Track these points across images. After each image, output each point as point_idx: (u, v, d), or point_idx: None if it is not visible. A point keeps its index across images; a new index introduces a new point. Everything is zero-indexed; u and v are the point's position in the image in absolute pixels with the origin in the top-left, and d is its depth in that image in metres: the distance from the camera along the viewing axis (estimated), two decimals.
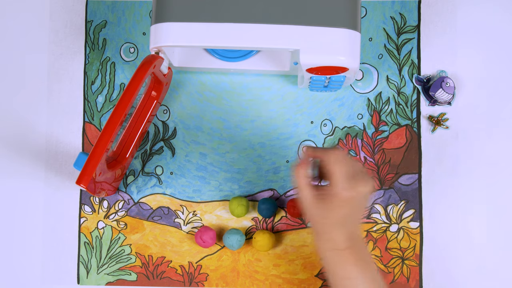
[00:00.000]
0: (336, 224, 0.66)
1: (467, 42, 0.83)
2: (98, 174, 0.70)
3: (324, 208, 0.66)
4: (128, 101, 0.69)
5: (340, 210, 0.66)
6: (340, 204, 0.65)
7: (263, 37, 0.67)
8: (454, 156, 0.82)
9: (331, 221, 0.66)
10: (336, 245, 0.67)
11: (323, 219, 0.67)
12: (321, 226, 0.67)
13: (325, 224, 0.67)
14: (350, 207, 0.66)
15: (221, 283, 0.82)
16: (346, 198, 0.65)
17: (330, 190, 0.65)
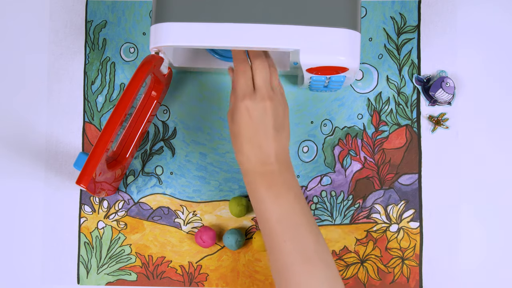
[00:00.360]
0: (245, 140, 0.66)
1: (467, 42, 0.83)
2: (98, 174, 0.70)
3: (231, 121, 0.68)
4: (128, 101, 0.69)
5: (241, 122, 0.66)
6: (239, 115, 0.66)
7: (263, 37, 0.67)
8: (454, 156, 0.82)
9: (239, 136, 0.67)
10: (251, 165, 0.67)
11: (232, 134, 0.68)
12: (233, 143, 0.68)
13: (236, 140, 0.67)
14: (251, 120, 0.66)
15: (221, 283, 0.82)
16: (242, 109, 0.66)
17: (233, 97, 0.67)
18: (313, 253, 0.64)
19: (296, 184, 0.68)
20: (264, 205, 0.66)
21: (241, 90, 0.67)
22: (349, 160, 0.82)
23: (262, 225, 0.66)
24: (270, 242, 0.66)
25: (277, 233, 0.65)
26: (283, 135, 0.69)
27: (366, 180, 0.82)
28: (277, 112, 0.67)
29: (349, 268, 0.82)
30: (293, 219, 0.65)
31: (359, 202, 0.82)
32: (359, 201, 0.82)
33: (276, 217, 0.65)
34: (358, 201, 0.82)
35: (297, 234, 0.64)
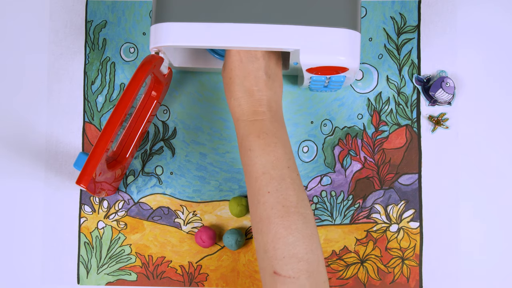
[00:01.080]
0: (236, 84, 0.67)
1: (467, 42, 0.83)
2: (98, 174, 0.70)
3: (223, 71, 0.69)
4: (128, 101, 0.69)
5: (232, 67, 0.67)
6: (230, 60, 0.67)
7: (263, 37, 0.67)
8: (454, 156, 0.82)
9: (231, 81, 0.67)
10: (244, 113, 0.67)
11: (224, 83, 0.68)
12: (226, 91, 0.68)
13: (228, 87, 0.68)
14: (242, 63, 0.67)
15: (221, 283, 0.82)
16: (233, 53, 0.67)
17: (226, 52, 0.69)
18: (294, 207, 0.63)
19: (286, 138, 0.67)
20: (252, 154, 0.65)
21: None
22: (349, 160, 0.82)
23: (248, 174, 0.66)
24: (253, 192, 0.65)
25: (262, 183, 0.64)
26: (276, 83, 0.69)
27: (366, 180, 0.82)
28: (268, 58, 0.68)
29: (349, 268, 0.82)
30: (279, 172, 0.65)
31: (359, 202, 0.82)
32: (359, 201, 0.82)
33: (262, 167, 0.65)
34: (358, 201, 0.82)
35: (280, 187, 0.64)
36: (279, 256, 0.62)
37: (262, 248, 0.64)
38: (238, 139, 0.68)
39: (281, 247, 0.62)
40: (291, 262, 0.62)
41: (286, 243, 0.62)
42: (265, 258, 0.63)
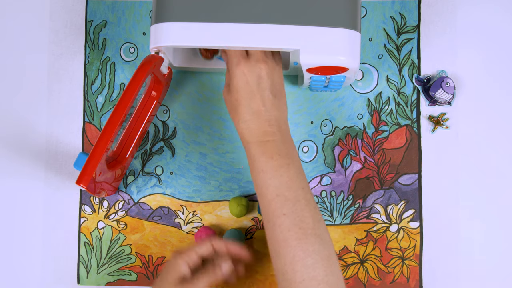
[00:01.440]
0: (244, 107, 0.66)
1: (467, 42, 0.83)
2: (98, 174, 0.70)
3: (227, 93, 0.68)
4: (128, 101, 0.69)
5: (239, 88, 0.66)
6: (235, 81, 0.66)
7: (263, 37, 0.67)
8: (454, 156, 0.82)
9: (238, 104, 0.66)
10: (253, 134, 0.66)
11: (230, 106, 0.67)
12: (233, 114, 0.67)
13: (235, 110, 0.67)
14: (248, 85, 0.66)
15: (221, 283, 0.82)
16: (238, 74, 0.66)
17: (228, 73, 0.68)
18: (311, 229, 0.63)
19: (297, 157, 0.67)
20: (265, 176, 0.65)
21: (235, 57, 0.67)
22: (349, 160, 0.82)
23: (261, 197, 0.65)
24: (268, 214, 0.65)
25: (277, 205, 0.64)
26: (281, 102, 0.68)
27: (366, 180, 0.82)
28: (272, 75, 0.67)
29: (349, 268, 0.82)
30: (293, 193, 0.64)
31: (359, 202, 0.82)
32: (359, 201, 0.82)
33: (276, 189, 0.64)
34: (358, 201, 0.82)
35: (295, 208, 0.63)
36: (299, 279, 0.62)
37: (280, 270, 0.63)
38: (249, 160, 0.67)
39: (300, 269, 0.62)
40: (311, 285, 0.61)
41: (305, 266, 0.62)
42: (284, 281, 0.63)
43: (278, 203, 0.64)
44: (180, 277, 0.68)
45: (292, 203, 0.63)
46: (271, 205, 0.64)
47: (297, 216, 0.63)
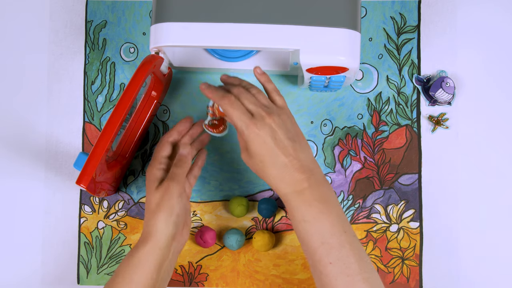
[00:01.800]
0: (270, 167, 0.65)
1: (467, 42, 0.83)
2: (98, 174, 0.70)
3: (249, 158, 0.67)
4: (128, 101, 0.69)
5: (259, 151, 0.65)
6: (254, 145, 0.65)
7: (263, 37, 0.67)
8: (454, 156, 0.82)
9: (263, 165, 0.66)
10: (288, 184, 0.65)
11: (256, 168, 0.67)
12: (263, 176, 0.67)
13: (263, 171, 0.66)
14: (265, 144, 0.65)
15: (221, 283, 0.82)
16: (253, 137, 0.65)
17: (242, 138, 0.67)
18: (358, 274, 0.63)
19: (335, 199, 0.66)
20: (306, 225, 0.64)
21: (241, 120, 0.65)
22: (349, 160, 0.82)
23: (306, 245, 0.65)
24: (315, 263, 0.64)
25: (322, 254, 0.63)
26: (302, 142, 0.67)
27: (366, 180, 0.82)
28: (282, 122, 0.66)
29: None
30: (337, 239, 0.64)
31: (359, 202, 0.82)
32: (359, 201, 0.82)
33: (320, 237, 0.64)
34: (358, 201, 0.82)
35: (341, 255, 0.63)
36: None
37: None
38: (288, 211, 0.67)
39: None
40: None
41: None
42: None
43: (324, 251, 0.63)
44: (158, 180, 0.69)
45: (337, 250, 0.63)
46: (317, 253, 0.64)
47: (343, 263, 0.63)
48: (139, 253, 0.67)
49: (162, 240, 0.67)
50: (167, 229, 0.67)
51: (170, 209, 0.67)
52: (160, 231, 0.67)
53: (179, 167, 0.69)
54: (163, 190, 0.67)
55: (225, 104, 0.66)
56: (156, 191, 0.68)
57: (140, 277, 0.66)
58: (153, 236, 0.67)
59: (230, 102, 0.66)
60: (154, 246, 0.67)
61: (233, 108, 0.66)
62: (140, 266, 0.66)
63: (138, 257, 0.66)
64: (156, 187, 0.68)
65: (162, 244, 0.67)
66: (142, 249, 0.67)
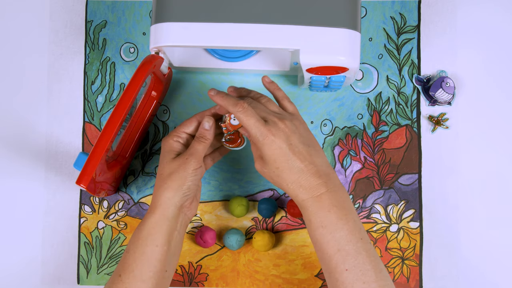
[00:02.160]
0: (286, 172, 0.65)
1: (467, 42, 0.83)
2: (98, 174, 0.70)
3: (263, 165, 0.67)
4: (128, 101, 0.69)
5: (274, 156, 0.65)
6: (270, 151, 0.65)
7: (263, 37, 0.67)
8: (454, 156, 0.82)
9: (280, 171, 0.65)
10: (307, 190, 0.65)
11: (272, 176, 0.66)
12: (279, 183, 0.67)
13: (279, 178, 0.66)
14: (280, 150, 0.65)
15: (221, 283, 0.82)
16: (269, 143, 0.65)
17: (256, 147, 0.67)
18: (374, 282, 0.63)
19: (351, 205, 0.66)
20: (324, 231, 0.64)
21: (257, 128, 0.65)
22: (349, 160, 0.82)
23: (321, 252, 0.65)
24: (330, 270, 0.64)
25: (338, 261, 0.63)
26: (317, 147, 0.67)
27: (366, 180, 0.82)
28: (296, 128, 0.66)
29: None
30: (353, 246, 0.64)
31: (359, 202, 0.82)
32: (359, 201, 0.82)
33: (337, 243, 0.64)
34: (358, 201, 0.82)
35: (357, 262, 0.63)
36: None
37: None
38: (305, 217, 0.66)
39: None
40: None
41: None
42: None
43: (340, 258, 0.63)
44: (176, 152, 0.70)
45: (353, 257, 0.63)
46: (333, 260, 0.64)
47: (359, 270, 0.63)
48: (148, 224, 0.67)
49: (169, 210, 0.67)
50: (174, 199, 0.67)
51: (182, 180, 0.67)
52: (167, 201, 0.67)
53: (200, 142, 0.70)
54: (180, 163, 0.68)
55: (238, 111, 0.66)
56: (172, 162, 0.68)
57: (152, 249, 0.66)
58: (160, 206, 0.67)
59: (243, 110, 0.66)
60: (161, 217, 0.67)
61: (246, 115, 0.66)
62: (149, 238, 0.66)
63: (147, 228, 0.67)
64: (173, 158, 0.69)
65: (170, 214, 0.67)
66: (150, 219, 0.67)
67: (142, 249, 0.66)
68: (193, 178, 0.68)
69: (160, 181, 0.68)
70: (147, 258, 0.66)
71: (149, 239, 0.66)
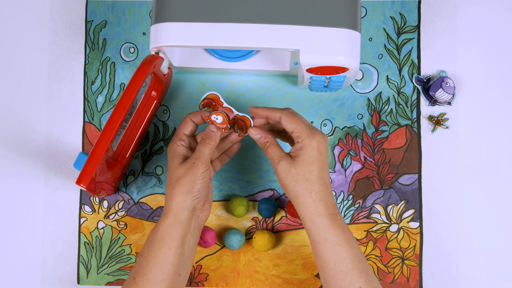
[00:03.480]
0: (316, 179, 0.66)
1: (467, 42, 0.83)
2: (98, 174, 0.70)
3: (294, 163, 0.67)
4: (128, 101, 0.69)
5: (315, 162, 0.66)
6: (312, 155, 0.66)
7: (263, 37, 0.67)
8: (454, 156, 0.82)
9: (311, 174, 0.66)
10: (326, 206, 0.66)
11: (300, 172, 0.66)
12: (305, 181, 0.66)
13: (307, 176, 0.66)
14: (320, 157, 0.67)
15: (221, 283, 0.82)
16: (315, 147, 0.66)
17: (299, 144, 0.67)
18: None
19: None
20: (341, 249, 0.65)
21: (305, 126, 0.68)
22: (349, 160, 0.82)
23: (334, 269, 0.66)
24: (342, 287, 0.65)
25: (353, 278, 0.65)
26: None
27: (366, 180, 0.82)
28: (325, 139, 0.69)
29: None
30: (364, 264, 0.66)
31: (359, 202, 0.82)
32: (359, 201, 0.82)
33: (351, 261, 0.65)
34: (358, 201, 0.82)
35: (369, 280, 0.65)
36: None
37: None
38: (318, 234, 0.66)
39: None
40: None
41: None
42: None
43: (355, 276, 0.65)
44: (182, 157, 0.70)
45: (365, 275, 0.65)
46: (347, 278, 0.65)
47: (372, 287, 0.65)
48: (161, 228, 0.68)
49: (181, 213, 0.68)
50: (185, 202, 0.68)
51: (191, 184, 0.68)
52: (178, 205, 0.68)
53: (206, 145, 0.70)
54: (187, 167, 0.68)
55: (288, 112, 0.68)
56: (180, 167, 0.69)
57: (166, 252, 0.67)
58: (172, 210, 0.68)
59: (293, 111, 0.69)
60: (174, 221, 0.68)
61: (296, 116, 0.68)
62: (163, 240, 0.67)
63: (161, 231, 0.67)
64: (180, 163, 0.69)
65: (182, 217, 0.68)
66: (163, 223, 0.68)
67: (155, 252, 0.67)
68: (202, 181, 0.68)
69: (170, 186, 0.69)
70: (160, 261, 0.66)
71: (162, 242, 0.67)
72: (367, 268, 0.66)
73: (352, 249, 0.66)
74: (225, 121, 0.71)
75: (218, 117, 0.71)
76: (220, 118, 0.71)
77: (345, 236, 0.66)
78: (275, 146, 0.69)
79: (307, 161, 0.66)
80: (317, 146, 0.67)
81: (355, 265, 0.65)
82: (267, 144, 0.70)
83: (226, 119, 0.71)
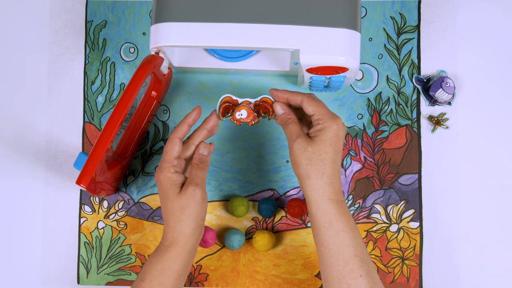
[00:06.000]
0: (330, 162, 0.65)
1: (467, 42, 0.83)
2: (98, 174, 0.70)
3: (312, 142, 0.66)
4: (128, 101, 0.69)
5: (332, 144, 0.66)
6: (331, 137, 0.66)
7: (263, 37, 0.67)
8: (454, 156, 0.82)
9: (326, 158, 0.65)
10: (335, 191, 0.66)
11: (312, 154, 0.65)
12: (317, 166, 0.65)
13: (323, 157, 0.65)
14: (338, 141, 0.66)
15: (221, 283, 0.82)
16: (335, 130, 0.66)
17: (319, 126, 0.66)
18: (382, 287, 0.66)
19: None
20: (345, 236, 0.65)
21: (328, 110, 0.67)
22: (349, 160, 0.82)
23: (336, 255, 0.65)
24: (343, 275, 0.65)
25: (354, 266, 0.64)
26: None
27: (366, 180, 0.82)
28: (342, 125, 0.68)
29: None
30: (366, 254, 0.66)
31: (359, 202, 0.82)
32: (359, 201, 0.82)
33: (354, 249, 0.65)
34: (358, 201, 0.82)
35: (369, 270, 0.65)
36: None
37: None
38: (322, 217, 0.66)
39: None
40: None
41: None
42: None
43: (356, 264, 0.64)
44: (178, 186, 0.68)
45: (366, 264, 0.65)
46: (348, 265, 0.64)
47: (371, 278, 0.64)
48: (168, 258, 0.68)
49: (190, 244, 0.68)
50: (195, 234, 0.68)
51: (197, 213, 0.68)
52: (188, 237, 0.68)
53: (201, 169, 0.69)
54: (188, 196, 0.67)
55: (310, 96, 0.68)
56: (179, 197, 0.67)
57: (171, 281, 0.67)
58: (181, 242, 0.68)
59: (313, 96, 0.68)
60: (183, 251, 0.68)
61: (317, 100, 0.68)
62: (169, 271, 0.67)
63: (167, 261, 0.68)
64: (179, 192, 0.68)
65: (190, 248, 0.68)
66: (170, 253, 0.68)
67: (160, 280, 0.67)
68: (205, 205, 0.69)
69: (174, 218, 0.68)
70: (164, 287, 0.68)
71: (169, 271, 0.67)
72: (368, 258, 0.66)
73: (355, 237, 0.65)
74: (250, 112, 0.70)
75: (242, 112, 0.70)
76: (244, 112, 0.70)
77: (350, 224, 0.65)
78: (296, 124, 0.68)
79: (325, 142, 0.66)
80: (337, 129, 0.66)
81: (357, 254, 0.64)
82: (290, 120, 0.69)
83: (251, 110, 0.70)
